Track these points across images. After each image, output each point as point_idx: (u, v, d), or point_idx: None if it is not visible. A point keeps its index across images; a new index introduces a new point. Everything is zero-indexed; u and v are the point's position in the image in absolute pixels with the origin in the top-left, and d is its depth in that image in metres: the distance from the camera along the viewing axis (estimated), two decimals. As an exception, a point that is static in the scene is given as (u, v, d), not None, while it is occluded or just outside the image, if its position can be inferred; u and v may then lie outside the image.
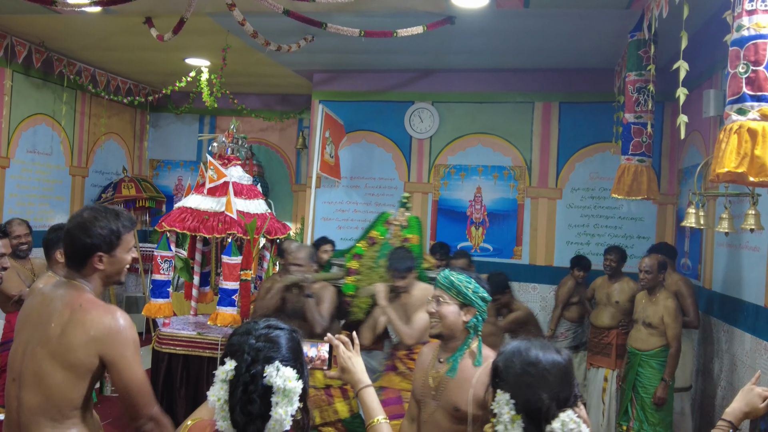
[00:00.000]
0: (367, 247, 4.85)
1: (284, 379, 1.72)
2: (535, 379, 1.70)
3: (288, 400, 1.71)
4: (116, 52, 7.59)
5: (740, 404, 2.09)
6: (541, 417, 1.67)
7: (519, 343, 1.80)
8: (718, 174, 2.31)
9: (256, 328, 1.80)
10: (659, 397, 4.85)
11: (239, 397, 1.71)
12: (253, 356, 1.73)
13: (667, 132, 7.01)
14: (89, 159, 8.79)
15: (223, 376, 1.74)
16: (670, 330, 4.81)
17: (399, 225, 4.86)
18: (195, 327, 5.10)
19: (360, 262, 4.80)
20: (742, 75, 2.31)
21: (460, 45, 6.43)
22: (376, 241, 4.86)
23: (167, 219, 4.85)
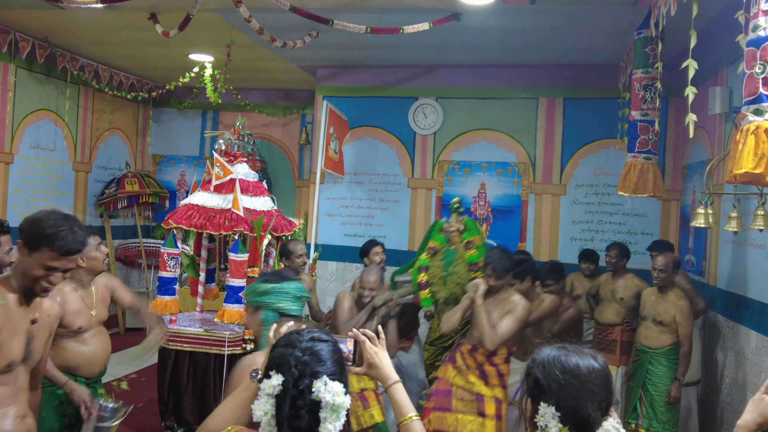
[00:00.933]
0: (430, 258, 4.86)
1: (333, 394, 1.68)
2: (579, 389, 1.69)
3: (336, 415, 1.68)
4: (120, 47, 7.57)
5: (753, 415, 1.94)
6: (588, 428, 1.68)
7: (553, 351, 1.78)
8: (736, 175, 2.31)
9: (300, 341, 1.76)
10: (674, 397, 4.84)
11: (287, 413, 1.67)
12: (300, 370, 1.69)
13: (672, 128, 7.01)
14: (92, 154, 8.79)
15: (270, 391, 1.70)
16: (682, 328, 4.80)
17: (456, 230, 4.87)
18: (202, 324, 5.10)
19: (428, 274, 4.81)
20: (758, 75, 2.31)
21: (465, 41, 6.42)
22: (437, 250, 4.87)
23: (174, 216, 4.85)
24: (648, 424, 4.95)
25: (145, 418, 5.66)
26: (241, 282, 4.77)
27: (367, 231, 7.72)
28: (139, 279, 9.49)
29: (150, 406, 5.87)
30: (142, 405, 6.04)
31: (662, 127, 6.76)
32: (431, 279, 4.79)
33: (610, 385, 1.76)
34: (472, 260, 4.71)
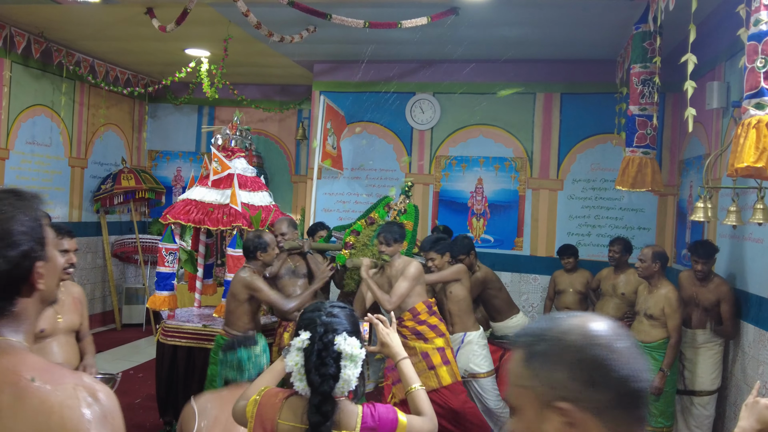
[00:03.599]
0: (365, 226, 5.31)
1: (351, 347, 2.07)
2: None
3: (354, 364, 2.07)
4: (116, 42, 7.54)
5: (749, 422, 1.84)
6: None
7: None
8: (737, 169, 2.31)
9: (324, 307, 2.17)
10: (656, 387, 4.85)
11: (314, 362, 2.05)
12: (325, 328, 2.08)
13: (669, 123, 7.02)
14: (88, 150, 8.75)
15: (299, 345, 2.09)
16: (670, 321, 4.82)
17: (397, 210, 5.35)
18: (200, 319, 5.10)
19: (356, 239, 5.25)
20: (760, 69, 2.31)
21: (462, 36, 6.41)
22: (375, 221, 5.32)
23: (172, 211, 4.84)
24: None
25: (143, 414, 5.65)
26: (240, 277, 4.76)
27: (365, 226, 7.71)
28: (135, 275, 9.47)
29: (148, 402, 5.86)
30: (139, 401, 6.04)
31: (659, 122, 6.76)
32: (356, 243, 5.23)
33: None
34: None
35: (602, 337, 1.11)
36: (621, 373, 1.08)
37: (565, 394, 1.09)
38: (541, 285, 7.30)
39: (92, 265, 8.87)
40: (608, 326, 1.14)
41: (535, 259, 7.34)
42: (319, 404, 2.04)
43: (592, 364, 1.08)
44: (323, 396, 2.05)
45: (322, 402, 2.04)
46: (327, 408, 2.04)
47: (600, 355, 1.08)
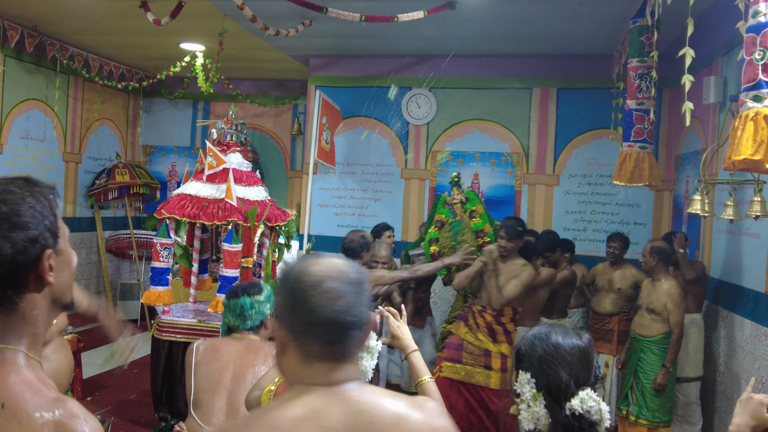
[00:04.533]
0: (438, 231, 5.39)
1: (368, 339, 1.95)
2: (555, 359, 1.74)
3: (371, 355, 2.14)
4: (110, 36, 7.49)
5: (743, 418, 1.82)
6: (561, 394, 1.70)
7: (540, 328, 1.85)
8: (734, 161, 2.29)
9: None
10: (659, 384, 4.84)
11: None
12: None
13: (665, 118, 7.01)
14: (82, 145, 8.71)
15: None
16: (672, 316, 4.78)
17: (459, 202, 5.42)
18: (195, 314, 5.07)
19: (438, 245, 5.36)
20: (758, 62, 2.29)
21: (459, 30, 6.39)
22: (444, 222, 5.42)
23: (166, 206, 4.81)
24: (638, 412, 4.98)
25: (139, 410, 5.63)
26: (235, 272, 4.74)
27: (360, 222, 7.70)
28: (130, 270, 9.44)
29: (143, 398, 5.84)
30: (135, 396, 6.02)
31: (656, 118, 6.76)
32: (442, 249, 5.30)
33: (590, 361, 1.78)
34: (477, 228, 5.21)
35: (310, 277, 1.38)
36: (311, 306, 1.35)
37: (278, 314, 1.44)
38: (537, 280, 7.28)
39: (86, 260, 8.83)
40: (325, 269, 1.40)
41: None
42: None
43: (295, 295, 1.38)
44: None
45: None
46: None
47: (301, 289, 1.37)
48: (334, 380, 1.37)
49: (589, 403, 1.68)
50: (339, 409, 1.33)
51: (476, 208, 5.34)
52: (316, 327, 1.36)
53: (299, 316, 1.37)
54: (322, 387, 1.36)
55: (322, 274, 1.40)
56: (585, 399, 1.68)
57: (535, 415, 1.71)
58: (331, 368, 1.37)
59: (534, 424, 1.72)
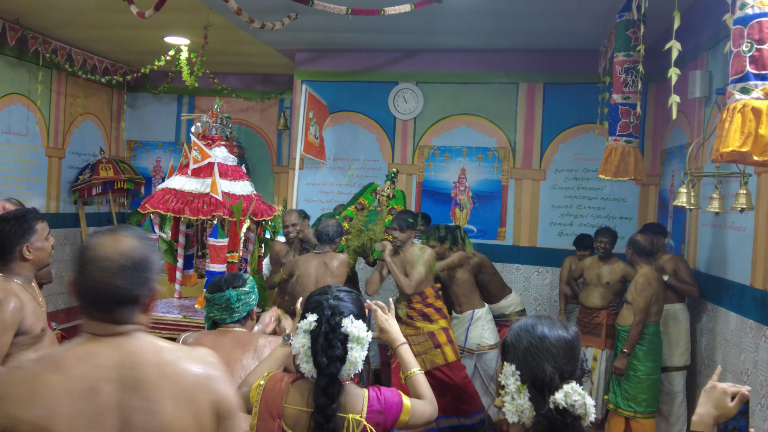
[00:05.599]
0: (356, 212, 5.69)
1: (358, 329, 2.12)
2: (539, 351, 1.72)
3: (361, 346, 2.12)
4: (93, 29, 7.40)
5: (707, 408, 1.79)
6: (545, 387, 1.69)
7: (527, 319, 1.83)
8: (722, 153, 2.29)
9: (332, 290, 2.23)
10: (616, 367, 5.03)
11: (321, 344, 2.09)
12: (332, 310, 2.14)
13: (651, 113, 7.03)
14: (66, 140, 8.61)
15: (306, 327, 2.14)
16: (634, 303, 4.95)
17: (386, 196, 5.76)
18: (180, 310, 5.03)
19: (350, 224, 5.62)
20: (745, 54, 2.29)
21: (445, 25, 6.37)
22: (365, 207, 5.72)
23: (150, 201, 4.76)
24: (615, 400, 5.10)
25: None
26: (221, 267, 4.70)
27: (347, 217, 7.67)
28: (115, 267, 9.35)
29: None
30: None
31: (642, 112, 6.77)
32: (351, 229, 5.61)
33: (576, 354, 1.75)
34: (389, 224, 5.49)
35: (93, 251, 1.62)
36: (87, 277, 1.61)
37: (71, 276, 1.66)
38: (523, 275, 7.30)
39: (70, 257, 8.73)
40: (107, 247, 1.62)
41: (518, 249, 7.34)
42: (326, 386, 2.07)
43: (79, 264, 1.64)
44: (330, 378, 2.07)
45: (329, 384, 2.07)
46: (333, 390, 2.07)
47: (84, 261, 1.63)
48: (111, 332, 1.63)
49: (574, 397, 1.66)
50: (112, 352, 1.60)
51: (397, 208, 5.69)
52: (93, 295, 1.62)
53: (81, 284, 1.63)
54: (101, 336, 1.63)
55: (103, 250, 1.62)
56: (569, 393, 1.67)
57: (519, 407, 1.70)
58: (109, 326, 1.63)
59: (518, 416, 1.70)
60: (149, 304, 1.71)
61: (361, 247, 5.61)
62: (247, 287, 3.02)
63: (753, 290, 4.16)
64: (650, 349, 5.00)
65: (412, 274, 5.03)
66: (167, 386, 1.63)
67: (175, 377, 1.65)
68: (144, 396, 1.59)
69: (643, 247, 5.09)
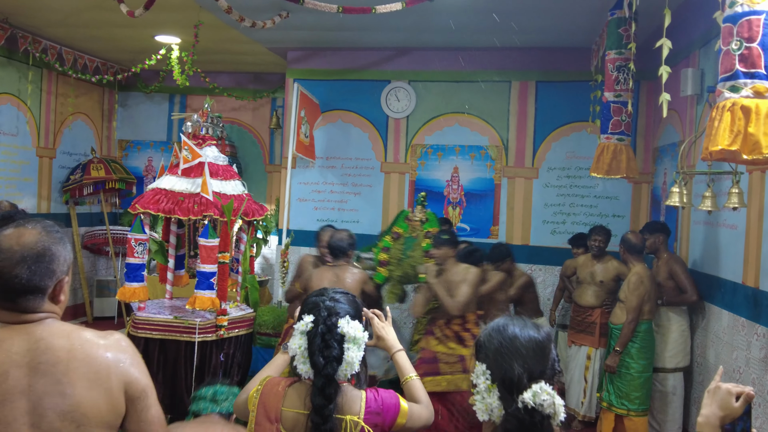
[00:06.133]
0: (392, 242, 5.64)
1: (354, 329, 2.13)
2: (509, 351, 1.74)
3: (357, 346, 2.12)
4: (84, 29, 7.35)
5: (712, 409, 1.76)
6: (513, 387, 1.70)
7: (499, 320, 1.85)
8: (711, 152, 2.28)
9: (328, 292, 2.25)
10: (608, 365, 5.02)
11: (318, 344, 2.09)
12: (328, 311, 2.14)
13: (643, 111, 7.03)
14: (57, 140, 8.56)
15: (303, 328, 2.14)
16: (627, 302, 4.94)
17: (419, 220, 5.71)
18: (171, 311, 5.00)
19: (389, 255, 5.60)
20: (735, 52, 2.28)
21: (437, 23, 6.35)
22: (400, 235, 5.66)
23: (141, 201, 4.73)
24: (608, 398, 5.10)
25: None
26: (212, 268, 4.67)
27: (340, 216, 7.65)
28: (106, 267, 9.31)
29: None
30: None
31: (634, 110, 6.74)
32: (390, 259, 5.59)
33: (546, 354, 1.76)
34: (428, 248, 5.41)
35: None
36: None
37: None
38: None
39: (62, 257, 8.68)
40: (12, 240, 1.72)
41: (511, 247, 7.30)
42: (323, 387, 2.06)
43: None
44: (327, 378, 2.07)
45: (326, 385, 2.06)
46: (330, 391, 2.06)
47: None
48: (19, 320, 1.73)
49: (543, 397, 1.67)
50: (21, 339, 1.70)
51: (433, 230, 5.57)
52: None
53: None
54: (10, 324, 1.72)
55: (6, 242, 1.72)
56: (538, 392, 1.68)
57: (489, 406, 1.72)
58: (16, 314, 1.73)
59: (488, 415, 1.73)
60: (57, 294, 1.80)
61: (404, 276, 5.56)
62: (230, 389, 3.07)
63: (745, 288, 4.16)
64: (642, 347, 4.99)
65: (456, 294, 4.87)
66: (77, 369, 1.71)
67: (86, 360, 1.73)
68: (54, 379, 1.68)
69: (634, 244, 5.07)
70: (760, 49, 2.23)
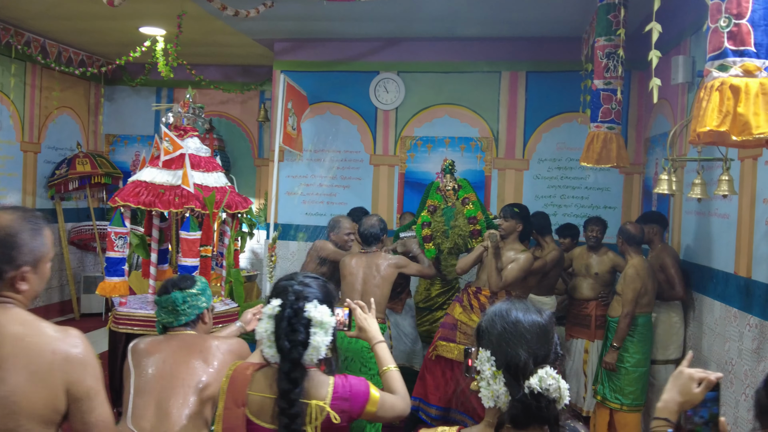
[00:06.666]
0: (430, 215, 5.52)
1: (321, 314, 2.12)
2: (513, 336, 1.72)
3: (324, 331, 2.11)
4: (67, 21, 7.22)
5: (672, 394, 1.73)
6: (520, 372, 1.69)
7: (501, 304, 1.83)
8: (699, 134, 2.19)
9: (298, 276, 2.23)
10: (606, 362, 4.90)
11: (284, 328, 2.09)
12: (296, 295, 2.14)
13: (634, 100, 6.95)
14: (41, 134, 8.44)
15: (270, 312, 2.14)
16: (623, 294, 4.82)
17: (452, 189, 5.56)
18: (154, 306, 4.89)
19: (431, 228, 5.48)
20: (723, 29, 2.19)
21: (426, 12, 6.25)
22: (436, 207, 5.54)
23: (120, 193, 4.61)
24: (602, 392, 4.98)
25: (99, 405, 5.45)
26: (194, 261, 4.56)
27: (329, 209, 7.55)
28: (94, 263, 9.20)
29: (103, 393, 5.66)
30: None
31: (625, 100, 6.68)
32: (434, 233, 5.45)
33: (550, 338, 1.75)
34: (470, 214, 5.37)
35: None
36: None
37: None
38: (508, 266, 7.20)
39: (48, 253, 8.56)
40: None
41: (502, 240, 7.23)
42: (289, 371, 2.06)
43: None
44: (292, 362, 2.07)
45: (292, 369, 2.06)
46: (296, 375, 2.06)
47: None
48: None
49: (548, 381, 1.66)
50: None
51: (469, 196, 5.50)
52: None
53: None
54: None
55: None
56: (544, 377, 1.67)
57: (495, 393, 1.70)
58: None
59: (494, 401, 1.70)
60: (15, 281, 1.82)
61: (455, 247, 5.43)
62: (194, 289, 2.92)
63: (737, 278, 4.08)
64: (640, 341, 4.87)
65: (505, 271, 4.83)
66: (21, 359, 1.72)
67: (32, 351, 1.73)
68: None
69: (633, 235, 4.94)
70: (749, 25, 2.14)
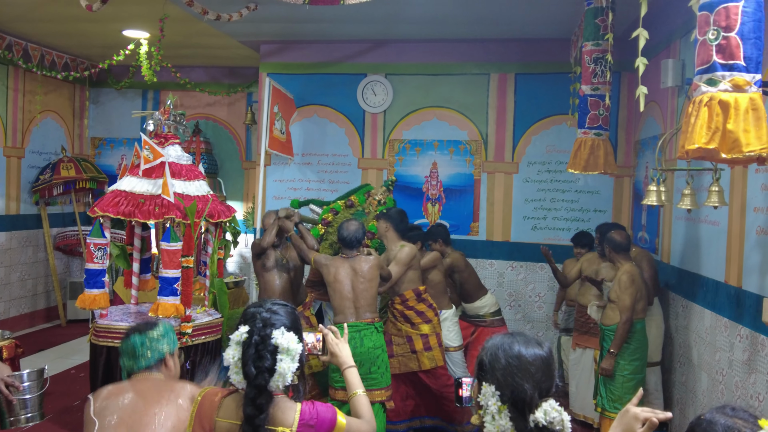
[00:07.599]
0: (344, 208, 5.73)
1: (288, 341, 2.12)
2: (518, 370, 1.73)
3: (291, 358, 2.11)
4: (49, 23, 7.09)
5: (617, 431, 1.80)
6: (525, 406, 1.70)
7: (502, 337, 1.83)
8: (688, 150, 2.11)
9: (265, 304, 2.24)
10: (603, 368, 4.80)
11: (251, 354, 2.09)
12: (264, 322, 2.14)
13: (624, 103, 6.88)
14: (25, 139, 8.30)
15: (237, 339, 2.14)
16: (619, 301, 4.72)
17: (377, 201, 5.82)
18: (135, 317, 4.80)
19: (334, 218, 5.68)
20: (712, 42, 2.11)
21: (412, 13, 6.15)
22: (354, 204, 5.76)
23: (100, 204, 4.51)
24: (601, 403, 4.87)
25: (81, 417, 5.35)
26: (175, 273, 4.46)
27: (317, 214, 7.45)
28: (80, 268, 9.07)
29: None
30: (78, 403, 5.74)
31: (614, 102, 6.63)
32: (333, 222, 5.67)
33: (552, 370, 1.77)
34: (371, 229, 5.51)
35: None
36: None
37: None
38: (497, 270, 7.13)
39: (33, 259, 8.45)
40: None
41: (491, 243, 7.17)
42: (255, 397, 2.07)
43: None
44: (258, 389, 2.07)
45: (257, 395, 2.07)
46: (262, 401, 2.07)
47: None
48: None
49: (552, 414, 1.68)
50: None
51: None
52: None
53: None
54: None
55: None
56: (548, 410, 1.69)
57: (501, 427, 1.71)
58: None
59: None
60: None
61: (334, 245, 5.56)
62: (155, 332, 2.79)
63: (727, 287, 4.02)
64: (637, 347, 4.77)
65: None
66: None
67: None
68: None
69: (620, 243, 4.88)
70: (738, 38, 2.06)
